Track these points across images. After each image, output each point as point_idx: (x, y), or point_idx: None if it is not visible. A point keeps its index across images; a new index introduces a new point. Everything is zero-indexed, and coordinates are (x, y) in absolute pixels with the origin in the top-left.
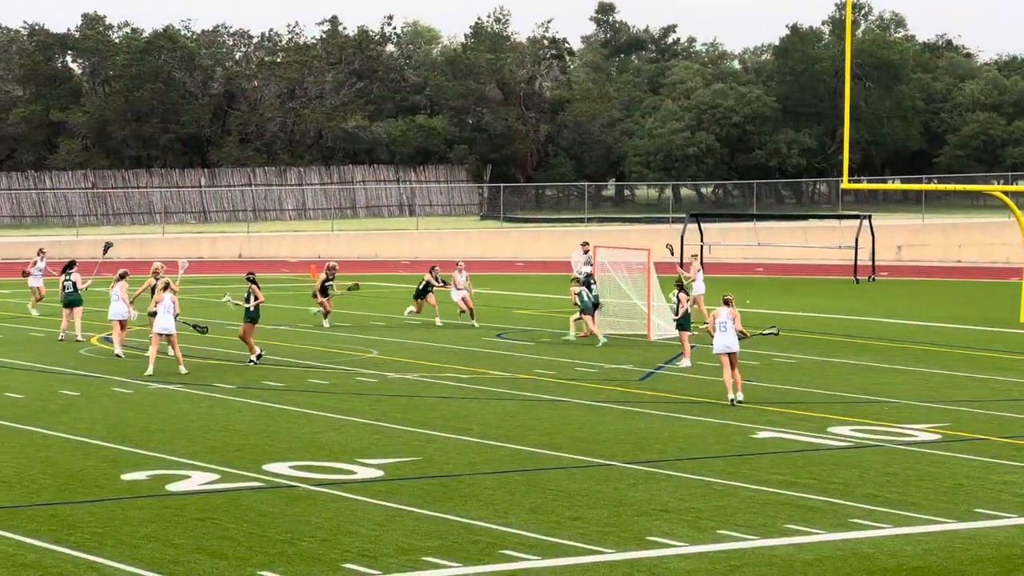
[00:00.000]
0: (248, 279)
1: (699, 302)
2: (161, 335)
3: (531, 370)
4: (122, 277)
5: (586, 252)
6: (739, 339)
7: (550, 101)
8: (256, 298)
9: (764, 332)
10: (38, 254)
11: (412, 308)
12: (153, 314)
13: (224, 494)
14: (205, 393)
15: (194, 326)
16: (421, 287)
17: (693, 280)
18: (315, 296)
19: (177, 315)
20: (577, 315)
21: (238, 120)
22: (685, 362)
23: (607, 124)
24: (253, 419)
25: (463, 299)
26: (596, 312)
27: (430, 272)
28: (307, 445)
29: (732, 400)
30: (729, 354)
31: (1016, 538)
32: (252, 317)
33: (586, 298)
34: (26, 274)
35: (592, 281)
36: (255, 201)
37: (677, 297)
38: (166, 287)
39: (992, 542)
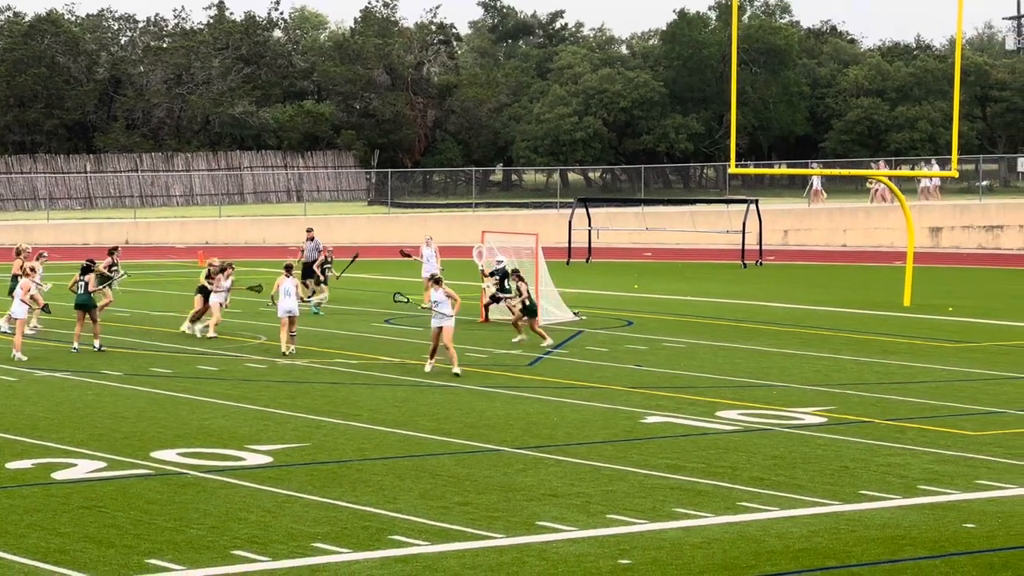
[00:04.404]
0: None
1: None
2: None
3: (420, 356)
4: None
5: (311, 239)
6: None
7: (438, 87)
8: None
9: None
10: (213, 272)
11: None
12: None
13: (111, 482)
14: (92, 380)
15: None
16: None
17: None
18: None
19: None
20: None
21: (124, 106)
22: (548, 341)
23: (495, 109)
24: (141, 406)
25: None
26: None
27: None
28: (195, 432)
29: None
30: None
31: (900, 519)
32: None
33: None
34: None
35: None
36: (142, 187)
37: (518, 287)
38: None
39: (876, 523)
